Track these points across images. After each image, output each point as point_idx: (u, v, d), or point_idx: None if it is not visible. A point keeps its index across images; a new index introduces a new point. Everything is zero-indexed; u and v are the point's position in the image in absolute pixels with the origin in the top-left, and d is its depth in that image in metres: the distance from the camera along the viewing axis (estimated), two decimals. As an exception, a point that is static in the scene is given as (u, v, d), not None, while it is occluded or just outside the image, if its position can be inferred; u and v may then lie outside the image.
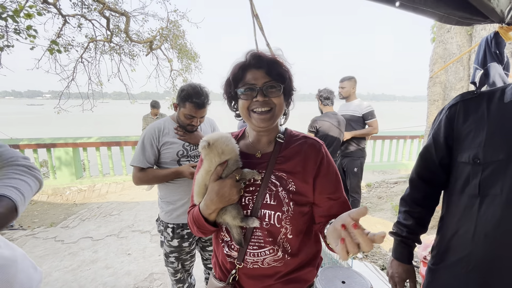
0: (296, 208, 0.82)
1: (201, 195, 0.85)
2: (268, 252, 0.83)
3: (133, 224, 3.70)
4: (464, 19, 1.40)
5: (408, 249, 0.99)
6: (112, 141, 5.39)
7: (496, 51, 1.69)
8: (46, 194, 4.89)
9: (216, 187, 0.79)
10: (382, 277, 2.06)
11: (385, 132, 6.42)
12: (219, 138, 0.83)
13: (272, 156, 0.87)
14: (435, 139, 0.88)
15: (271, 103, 0.82)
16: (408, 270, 0.99)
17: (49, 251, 3.00)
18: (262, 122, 0.82)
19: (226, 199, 0.79)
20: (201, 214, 0.84)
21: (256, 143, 0.92)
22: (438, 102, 3.66)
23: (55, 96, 6.71)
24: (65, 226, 3.66)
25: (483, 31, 2.98)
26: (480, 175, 0.73)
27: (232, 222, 0.82)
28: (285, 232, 0.82)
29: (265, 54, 0.83)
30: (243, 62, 0.83)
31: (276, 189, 0.83)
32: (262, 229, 0.82)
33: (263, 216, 0.82)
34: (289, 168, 0.85)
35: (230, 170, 0.82)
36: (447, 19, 1.32)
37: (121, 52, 7.32)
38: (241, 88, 0.82)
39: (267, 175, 0.84)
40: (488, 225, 0.72)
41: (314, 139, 0.91)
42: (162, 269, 2.63)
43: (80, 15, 6.34)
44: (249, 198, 0.84)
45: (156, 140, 1.58)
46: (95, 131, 20.52)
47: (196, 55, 8.12)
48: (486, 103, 0.78)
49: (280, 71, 0.82)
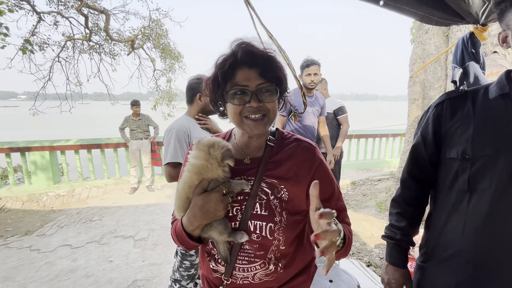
0: (289, 218, 0.76)
1: (183, 210, 0.75)
2: (258, 266, 0.76)
3: (116, 229, 3.57)
4: (443, 20, 1.45)
5: (403, 252, 0.97)
6: (93, 144, 5.19)
7: (473, 50, 1.76)
8: (21, 201, 4.62)
9: (200, 201, 0.70)
10: (369, 274, 2.09)
11: (368, 130, 6.58)
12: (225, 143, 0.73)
13: (262, 162, 0.79)
14: (423, 137, 0.89)
15: (264, 109, 0.74)
16: (404, 274, 0.96)
17: (23, 262, 2.82)
18: (256, 128, 0.75)
19: (211, 215, 0.71)
20: (184, 230, 0.75)
21: (245, 147, 0.83)
22: (418, 101, 3.79)
23: (31, 97, 6.39)
24: (42, 234, 3.46)
25: (458, 33, 3.10)
26: (469, 171, 0.74)
27: (218, 238, 0.74)
28: (278, 244, 0.75)
29: (258, 49, 0.73)
30: (233, 58, 0.72)
31: (267, 197, 0.76)
32: (252, 242, 0.75)
33: (253, 228, 0.75)
34: (281, 173, 0.78)
35: (216, 182, 0.73)
36: (428, 19, 1.36)
37: (101, 51, 7.07)
38: (231, 91, 0.72)
39: (257, 183, 0.76)
40: (477, 219, 0.72)
41: (307, 141, 0.84)
42: (146, 276, 2.54)
43: (56, 13, 6.07)
44: (237, 208, 0.76)
45: (187, 136, 1.61)
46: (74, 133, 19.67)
47: (180, 54, 7.96)
48: (472, 100, 0.79)
49: (275, 72, 0.74)
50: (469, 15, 1.46)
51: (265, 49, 0.74)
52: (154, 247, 3.07)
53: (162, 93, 8.16)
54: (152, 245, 3.12)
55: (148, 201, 4.62)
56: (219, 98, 0.78)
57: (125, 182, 5.30)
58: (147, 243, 3.17)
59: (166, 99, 8.14)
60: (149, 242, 3.19)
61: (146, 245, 3.12)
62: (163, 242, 3.19)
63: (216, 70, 0.74)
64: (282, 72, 0.76)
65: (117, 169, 5.43)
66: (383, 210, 3.74)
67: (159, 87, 8.14)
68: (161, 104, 8.02)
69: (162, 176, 5.62)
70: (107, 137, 5.36)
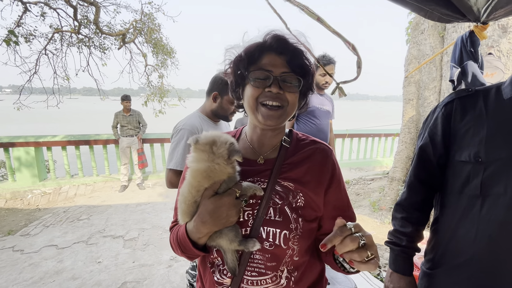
0: (305, 225, 0.70)
1: (189, 215, 0.67)
2: (270, 280, 0.68)
3: (104, 229, 3.45)
4: (445, 16, 1.43)
5: (409, 259, 0.92)
6: (81, 140, 5.01)
7: (471, 49, 1.75)
8: (3, 199, 4.43)
9: (211, 206, 0.63)
10: (364, 275, 2.07)
11: (361, 130, 6.61)
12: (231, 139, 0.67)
13: (277, 163, 0.73)
14: (431, 137, 0.85)
15: (283, 99, 0.69)
16: (410, 282, 0.91)
17: (5, 263, 2.68)
18: (269, 119, 0.69)
19: (223, 222, 0.64)
20: (188, 237, 0.68)
21: (258, 146, 0.77)
22: (413, 101, 3.80)
23: (16, 91, 6.14)
24: (26, 234, 3.32)
25: (454, 33, 3.11)
26: (482, 174, 0.70)
27: (228, 247, 0.67)
28: (291, 254, 0.69)
29: (290, 40, 0.69)
30: (262, 42, 0.69)
31: (281, 202, 0.70)
32: (264, 251, 0.68)
33: (265, 235, 0.68)
34: (298, 176, 0.72)
35: (228, 184, 0.66)
36: (431, 14, 1.34)
37: (91, 44, 6.86)
38: (254, 72, 0.68)
39: (271, 185, 0.70)
40: (491, 227, 0.69)
41: (324, 144, 0.79)
42: (136, 277, 2.46)
43: (44, 3, 5.83)
44: (248, 212, 0.70)
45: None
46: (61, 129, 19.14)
47: (172, 50, 7.81)
48: (483, 100, 0.76)
49: (303, 64, 0.70)
50: (470, 12, 1.44)
51: (298, 43, 0.70)
52: (144, 248, 2.98)
53: (154, 89, 7.99)
54: (142, 245, 3.03)
55: (139, 199, 4.51)
56: (239, 79, 0.73)
57: (115, 179, 5.16)
58: (138, 243, 3.08)
59: (157, 95, 7.98)
60: (140, 242, 3.10)
61: (137, 246, 3.03)
62: (154, 242, 3.10)
63: (243, 52, 0.70)
64: (309, 68, 0.72)
65: (106, 166, 5.28)
66: (376, 209, 3.75)
67: (151, 83, 7.97)
68: (152, 100, 7.85)
69: (153, 174, 5.50)
70: (96, 133, 5.19)
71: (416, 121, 3.79)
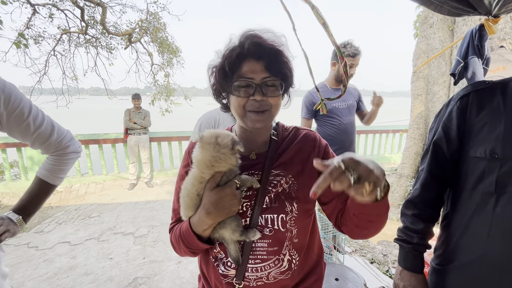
0: (300, 206, 0.74)
1: (193, 208, 0.71)
2: (272, 264, 0.73)
3: (115, 226, 3.52)
4: (455, 9, 1.40)
5: (419, 256, 0.90)
6: (90, 139, 5.10)
7: (478, 44, 1.71)
8: (17, 197, 4.55)
9: (215, 196, 0.67)
10: (373, 271, 2.06)
11: (368, 126, 6.53)
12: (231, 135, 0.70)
13: (268, 156, 0.78)
14: (445, 132, 0.82)
15: (267, 104, 0.72)
16: (422, 280, 0.90)
17: (21, 259, 2.77)
18: (258, 123, 0.73)
19: (226, 211, 0.68)
20: (193, 231, 0.72)
21: (249, 143, 0.81)
22: (422, 96, 3.74)
23: (26, 92, 6.26)
24: (40, 231, 3.41)
25: (464, 27, 3.04)
26: (498, 171, 0.69)
27: (230, 237, 0.70)
28: (291, 237, 0.73)
29: (266, 42, 0.70)
30: (240, 49, 0.70)
31: (276, 189, 0.75)
32: (265, 238, 0.72)
33: (264, 222, 0.73)
34: (286, 161, 0.78)
35: (229, 175, 0.70)
36: (441, 8, 1.32)
37: (98, 45, 6.94)
38: (236, 82, 0.71)
39: (265, 176, 0.75)
40: (505, 224, 0.68)
41: (306, 129, 0.85)
42: (147, 273, 2.51)
43: (51, 5, 5.92)
44: (246, 204, 0.74)
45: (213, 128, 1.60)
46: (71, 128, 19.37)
47: (178, 49, 7.84)
48: (501, 93, 0.73)
49: (281, 66, 0.72)
50: (481, 5, 1.41)
51: (273, 42, 0.71)
52: (154, 244, 3.04)
53: (160, 88, 8.05)
54: (152, 242, 3.08)
55: (148, 197, 4.57)
56: (222, 87, 0.76)
57: (124, 178, 5.24)
58: (147, 240, 3.13)
59: (164, 94, 8.04)
60: (149, 239, 3.16)
61: (147, 242, 3.09)
62: (163, 239, 3.15)
63: (223, 60, 0.72)
64: (288, 67, 0.75)
65: (115, 164, 5.36)
66: (384, 206, 3.72)
67: (157, 82, 8.02)
68: (159, 99, 7.92)
69: (161, 171, 5.57)
70: (104, 132, 5.28)
71: (425, 117, 3.73)
